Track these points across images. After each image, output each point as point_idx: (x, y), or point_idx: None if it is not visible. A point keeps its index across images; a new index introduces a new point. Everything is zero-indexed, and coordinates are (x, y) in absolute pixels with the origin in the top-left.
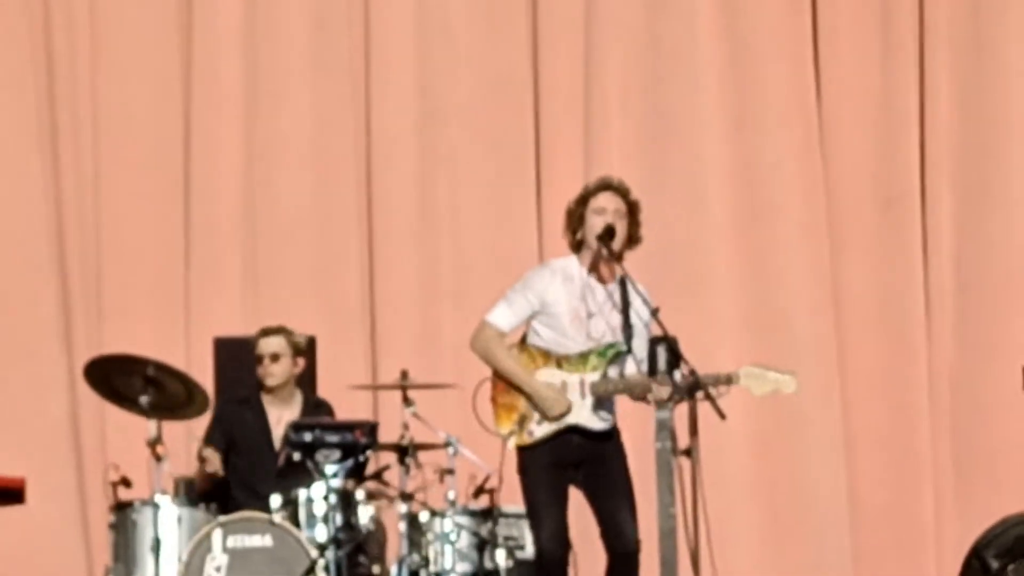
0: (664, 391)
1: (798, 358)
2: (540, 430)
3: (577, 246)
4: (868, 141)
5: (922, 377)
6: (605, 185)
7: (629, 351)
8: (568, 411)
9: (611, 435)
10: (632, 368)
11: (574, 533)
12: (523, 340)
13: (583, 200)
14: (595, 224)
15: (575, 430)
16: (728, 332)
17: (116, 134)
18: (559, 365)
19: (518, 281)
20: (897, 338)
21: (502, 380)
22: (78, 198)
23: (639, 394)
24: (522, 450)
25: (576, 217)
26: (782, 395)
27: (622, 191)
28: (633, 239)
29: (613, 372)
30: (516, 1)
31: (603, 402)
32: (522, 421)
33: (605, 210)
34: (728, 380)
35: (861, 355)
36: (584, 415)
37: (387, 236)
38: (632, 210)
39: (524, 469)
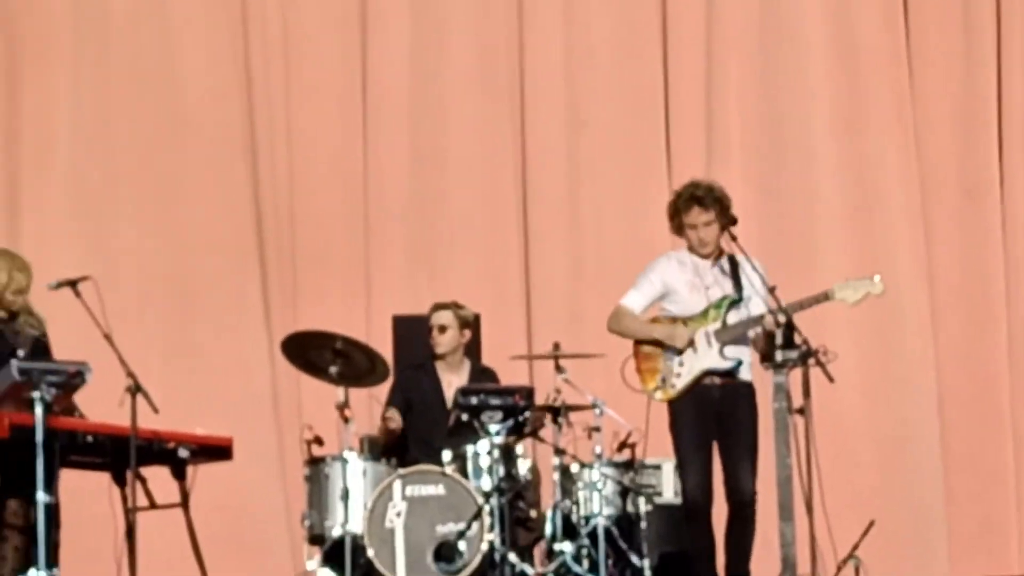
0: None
1: (899, 329)
2: (680, 381)
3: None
4: (954, 138)
5: (1003, 342)
6: (692, 199)
7: (740, 300)
8: (691, 337)
9: (746, 389)
10: (747, 314)
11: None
12: (655, 319)
13: (676, 212)
14: (691, 237)
15: (709, 374)
16: (837, 308)
17: (306, 144)
18: (685, 324)
19: (644, 269)
20: (981, 309)
21: (642, 348)
22: (274, 198)
23: (758, 342)
24: (671, 405)
25: (676, 226)
26: (874, 297)
27: (709, 200)
28: (728, 227)
29: (732, 318)
30: (648, 26)
31: (728, 347)
32: (664, 378)
33: (696, 226)
34: (825, 297)
35: (951, 324)
36: (714, 359)
37: (540, 228)
38: (721, 208)
39: (673, 424)
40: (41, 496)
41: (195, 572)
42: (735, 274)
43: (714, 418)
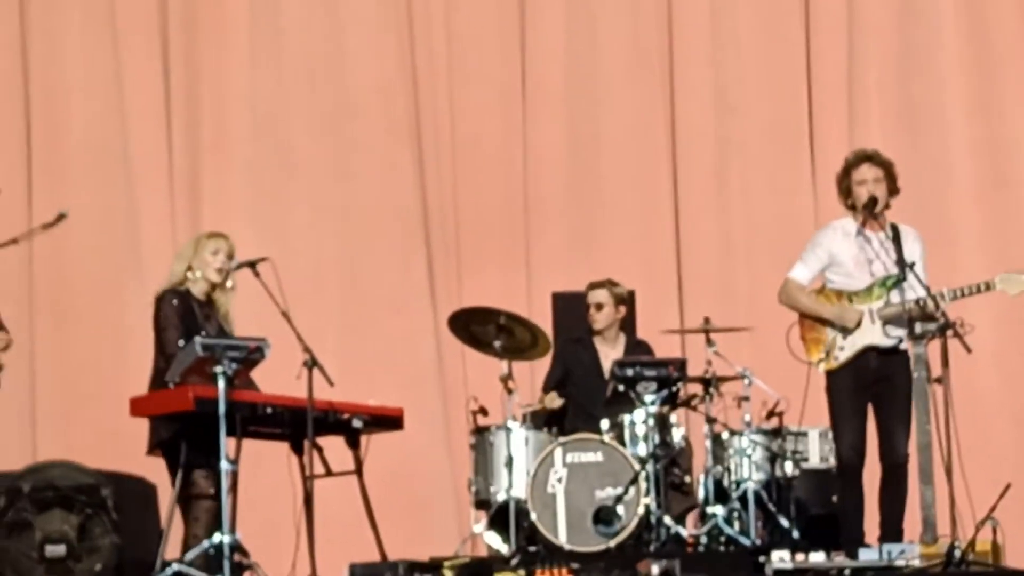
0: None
1: None
2: (843, 354)
3: (851, 207)
4: None
5: None
6: (862, 157)
7: (903, 279)
8: (861, 319)
9: (903, 359)
10: (911, 295)
11: None
12: (821, 288)
13: (846, 171)
14: (859, 194)
15: (870, 350)
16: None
17: (468, 130)
18: (850, 300)
19: (809, 242)
20: None
21: (807, 319)
22: (439, 183)
23: (917, 316)
24: (829, 375)
25: (844, 187)
26: None
27: (877, 160)
28: (893, 192)
29: (895, 298)
30: (792, 14)
31: (891, 323)
32: (828, 350)
33: (865, 181)
34: (987, 287)
35: None
36: (876, 336)
37: (691, 208)
38: (888, 172)
39: (830, 390)
40: (224, 465)
41: (369, 535)
42: (898, 245)
43: (871, 384)
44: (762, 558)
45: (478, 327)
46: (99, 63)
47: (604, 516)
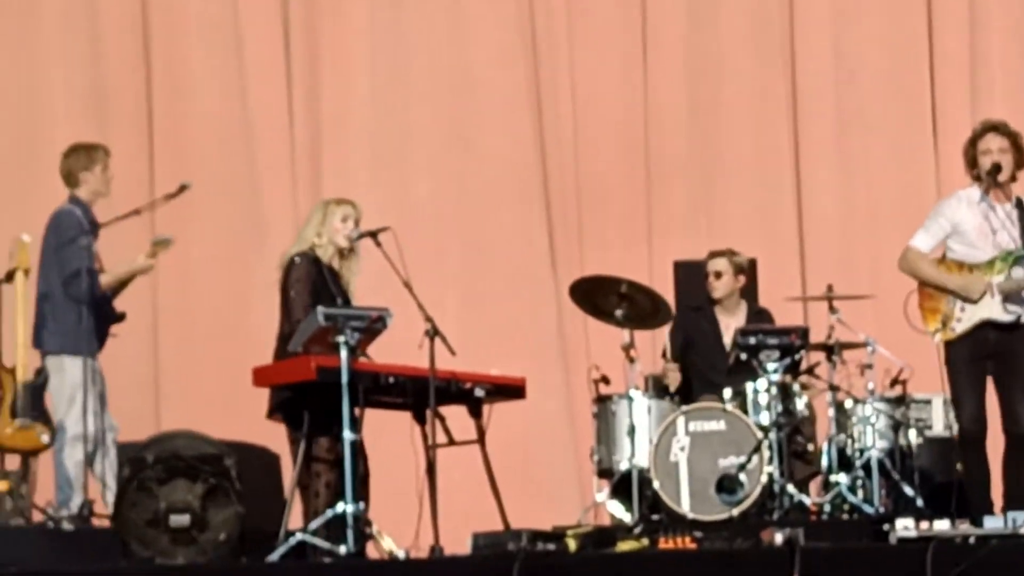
0: None
1: None
2: (960, 326)
3: (976, 177)
4: None
5: None
6: (989, 127)
7: None
8: (985, 290)
9: (1022, 333)
10: None
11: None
12: (943, 257)
13: (973, 142)
14: (984, 162)
15: (988, 324)
16: None
17: (589, 99)
18: (971, 271)
19: (932, 211)
20: None
21: (926, 288)
22: (559, 152)
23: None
24: (947, 345)
25: (969, 157)
26: None
27: (1004, 130)
28: (1020, 165)
29: (1017, 273)
30: None
31: (1010, 298)
32: (945, 320)
33: (990, 150)
34: None
35: None
36: (995, 310)
37: (812, 176)
38: (1015, 143)
39: (949, 361)
40: (347, 434)
41: (491, 504)
42: (1022, 220)
43: (989, 356)
44: (886, 526)
45: (600, 296)
46: (220, 32)
47: (727, 485)
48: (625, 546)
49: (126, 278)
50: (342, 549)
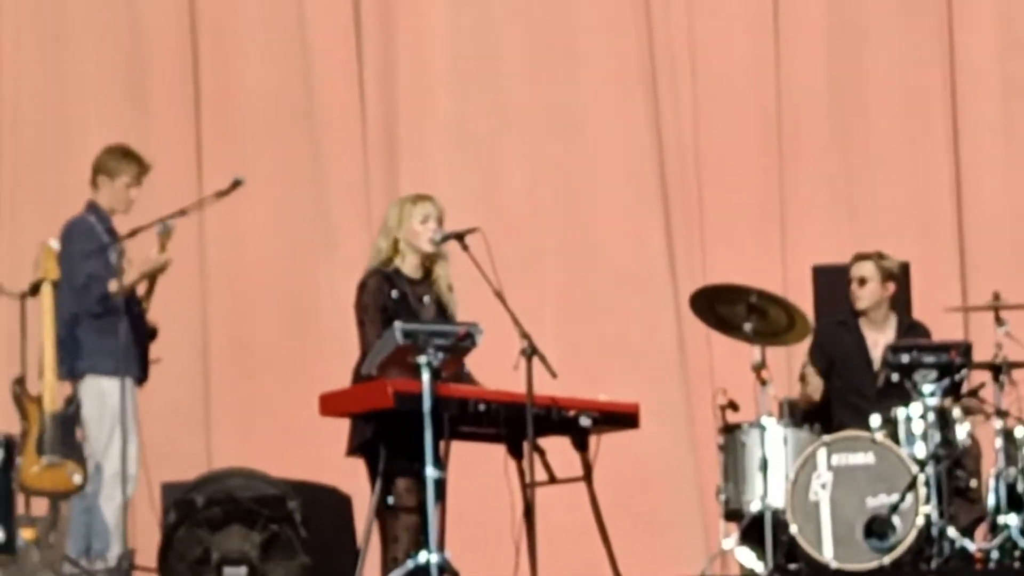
0: None
1: None
2: None
3: None
4: None
5: None
6: None
7: None
8: None
9: None
10: None
11: None
12: None
13: None
14: None
15: None
16: None
17: (712, 76)
18: None
19: None
20: None
21: None
22: (677, 135)
23: None
24: None
25: None
26: None
27: None
28: None
29: None
30: None
31: None
32: None
33: None
34: None
35: None
36: None
37: (974, 163)
38: None
39: None
40: (430, 471)
41: (599, 551)
42: None
43: None
44: None
45: (726, 307)
46: (277, 3)
47: (877, 528)
48: None
49: (142, 279)
50: None
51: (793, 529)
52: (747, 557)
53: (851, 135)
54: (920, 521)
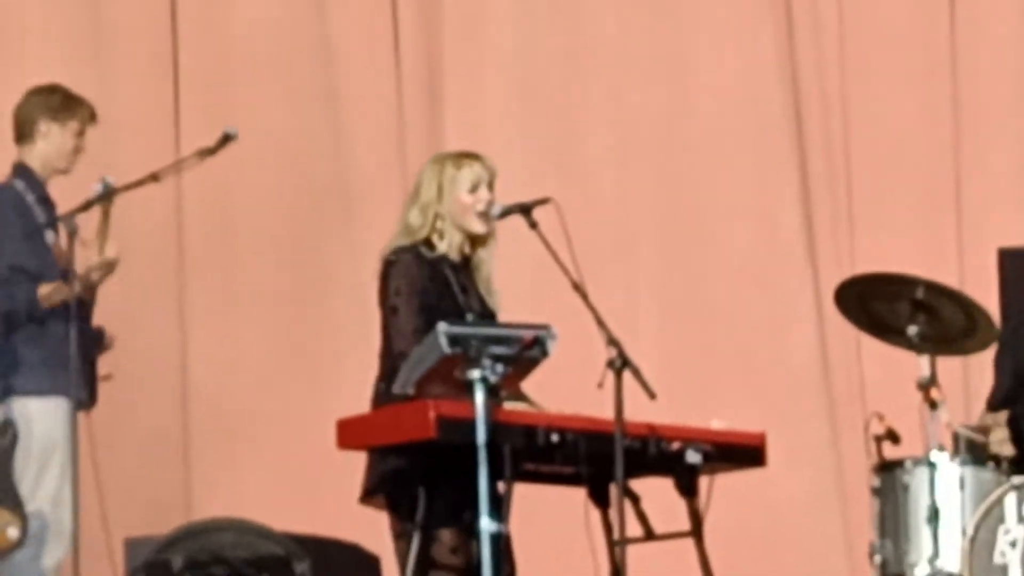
0: None
1: None
2: None
3: None
4: None
5: None
6: None
7: None
8: None
9: None
10: None
11: None
12: None
13: None
14: None
15: None
16: None
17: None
18: None
19: None
20: None
21: None
22: (819, 81)
23: None
24: None
25: None
26: None
27: None
28: None
29: None
30: None
31: None
32: None
33: None
34: None
35: None
36: None
37: None
38: None
39: None
40: (486, 523)
41: None
42: None
43: None
44: None
45: (883, 304)
46: None
47: None
48: None
49: (85, 289)
50: None
51: None
52: None
53: None
54: None
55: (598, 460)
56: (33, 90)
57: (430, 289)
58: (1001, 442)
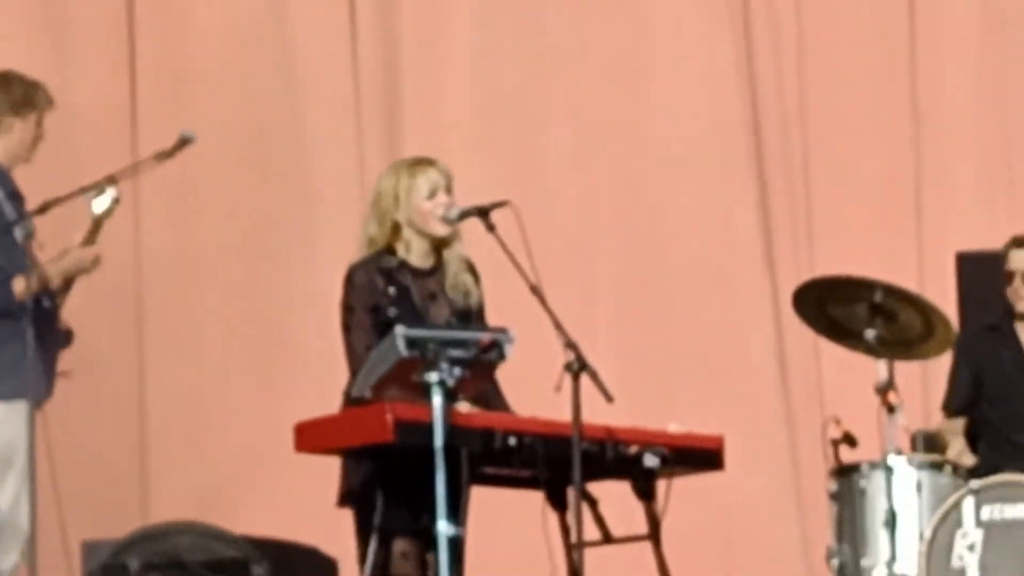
0: None
1: None
2: None
3: None
4: None
5: None
6: None
7: None
8: None
9: None
10: None
11: None
12: None
13: None
14: None
15: None
16: None
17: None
18: None
19: None
20: None
21: None
22: (777, 84)
23: None
24: None
25: None
26: None
27: None
28: None
29: None
30: None
31: None
32: None
33: None
34: None
35: None
36: None
37: None
38: None
39: None
40: (443, 527)
41: None
42: None
43: None
44: None
45: (841, 308)
46: None
47: None
48: None
49: (62, 281)
50: None
51: None
52: None
53: (1005, 81)
54: None
55: (556, 463)
56: None
57: (384, 302)
58: (960, 453)
